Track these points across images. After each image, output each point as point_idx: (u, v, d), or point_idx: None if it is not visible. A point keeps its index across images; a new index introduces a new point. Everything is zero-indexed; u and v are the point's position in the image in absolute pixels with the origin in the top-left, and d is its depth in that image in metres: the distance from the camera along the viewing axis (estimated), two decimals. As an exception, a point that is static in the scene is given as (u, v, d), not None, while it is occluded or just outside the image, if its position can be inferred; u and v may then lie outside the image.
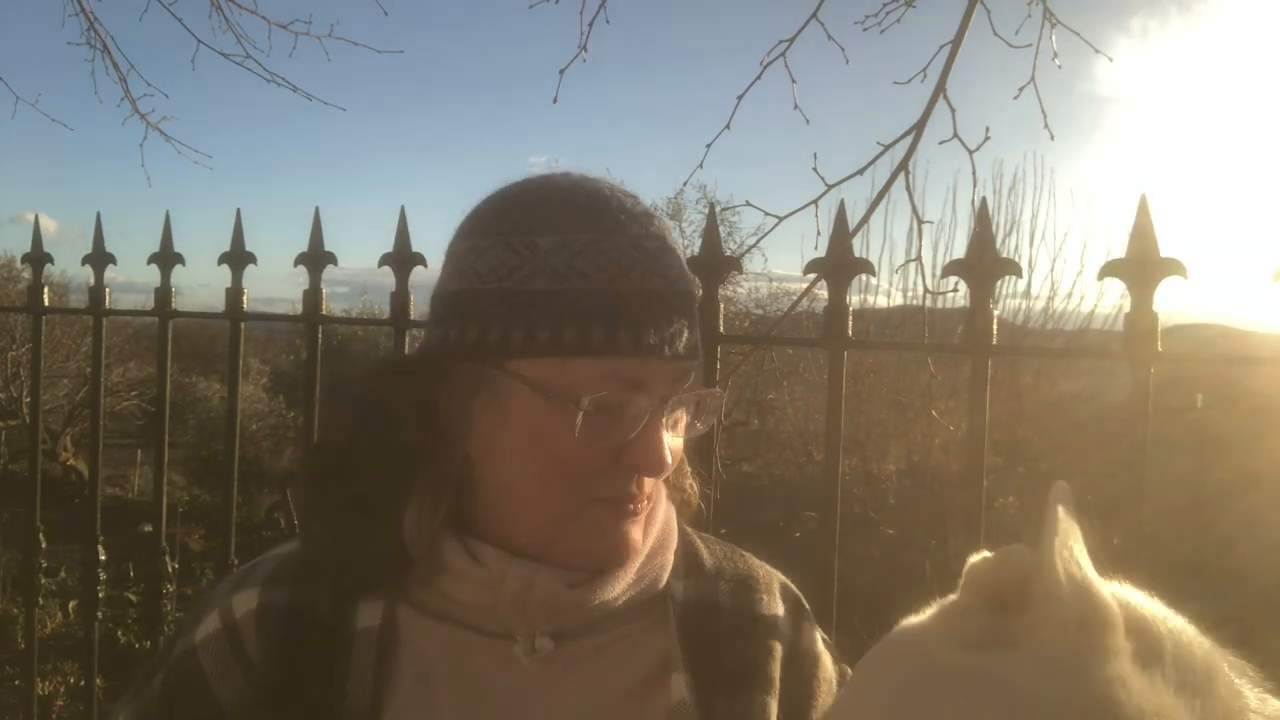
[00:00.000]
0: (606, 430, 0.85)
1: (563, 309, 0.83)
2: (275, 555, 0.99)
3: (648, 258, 0.87)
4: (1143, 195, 1.41)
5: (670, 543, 0.98)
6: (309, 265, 2.04)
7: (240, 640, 0.92)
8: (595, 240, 0.86)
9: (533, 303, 0.84)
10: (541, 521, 0.89)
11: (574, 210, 0.88)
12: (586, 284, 0.84)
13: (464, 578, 0.89)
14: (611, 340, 0.83)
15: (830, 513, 1.65)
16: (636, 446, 0.86)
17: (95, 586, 2.33)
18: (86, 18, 3.77)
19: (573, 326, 0.83)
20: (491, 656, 0.90)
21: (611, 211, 0.89)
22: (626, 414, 0.85)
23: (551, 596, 0.88)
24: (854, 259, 1.63)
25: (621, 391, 0.84)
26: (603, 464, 0.86)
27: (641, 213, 0.90)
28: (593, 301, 0.83)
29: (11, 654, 7.57)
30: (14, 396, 16.22)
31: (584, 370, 0.83)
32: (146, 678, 0.96)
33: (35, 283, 2.39)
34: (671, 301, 0.87)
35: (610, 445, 0.85)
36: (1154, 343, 1.40)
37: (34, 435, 2.57)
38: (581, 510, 0.88)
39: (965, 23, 1.87)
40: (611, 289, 0.84)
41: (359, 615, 0.91)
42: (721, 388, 1.61)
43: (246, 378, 15.77)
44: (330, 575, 0.93)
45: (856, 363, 9.19)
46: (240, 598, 0.94)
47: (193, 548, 11.83)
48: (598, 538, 0.89)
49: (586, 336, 0.83)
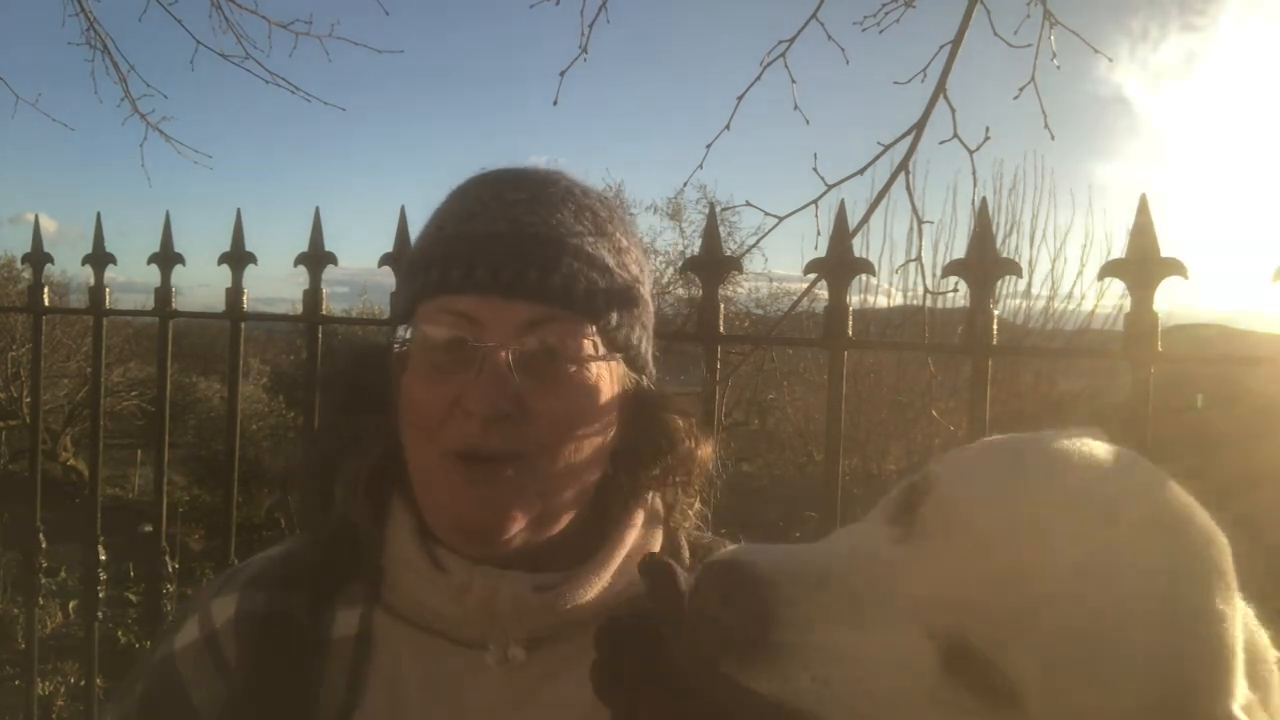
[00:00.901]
0: (450, 373, 0.85)
1: (417, 259, 0.91)
2: (259, 559, 0.99)
3: (502, 206, 0.89)
4: (1143, 195, 1.41)
5: (652, 544, 0.97)
6: (309, 265, 2.04)
7: (219, 647, 0.91)
8: (455, 198, 0.93)
9: (411, 263, 0.93)
10: (420, 486, 0.89)
11: (477, 181, 0.94)
12: (437, 234, 0.91)
13: (430, 584, 0.88)
14: (444, 278, 0.86)
15: (830, 513, 1.65)
16: (473, 386, 0.84)
17: (95, 586, 2.33)
18: (86, 18, 3.78)
19: (420, 273, 0.89)
20: (464, 665, 0.89)
21: (494, 176, 0.93)
22: (466, 354, 0.85)
23: (519, 601, 0.86)
24: (854, 259, 1.63)
25: (462, 329, 0.85)
26: (445, 409, 0.85)
27: (540, 177, 0.93)
28: (436, 248, 0.89)
29: (11, 654, 7.57)
30: (14, 396, 16.22)
31: (428, 311, 0.87)
32: (130, 683, 0.96)
33: (35, 283, 2.39)
34: (518, 243, 0.87)
35: (452, 389, 0.85)
36: (1154, 343, 1.40)
37: (34, 435, 2.57)
38: (437, 469, 0.86)
39: (965, 23, 1.87)
40: (452, 234, 0.89)
41: (336, 623, 0.91)
42: (721, 388, 1.61)
43: (246, 378, 15.76)
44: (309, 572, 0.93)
45: (856, 363, 9.19)
46: (219, 603, 0.94)
47: (193, 548, 11.84)
48: (451, 500, 0.86)
49: (428, 278, 0.88)
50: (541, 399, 0.85)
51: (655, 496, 0.99)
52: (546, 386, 0.86)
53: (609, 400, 0.91)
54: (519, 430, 0.85)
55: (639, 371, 0.96)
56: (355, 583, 0.93)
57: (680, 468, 0.99)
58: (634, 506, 0.96)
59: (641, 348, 0.97)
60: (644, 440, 0.96)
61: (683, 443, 0.97)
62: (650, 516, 0.98)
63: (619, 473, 0.95)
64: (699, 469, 1.00)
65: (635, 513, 0.96)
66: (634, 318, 0.94)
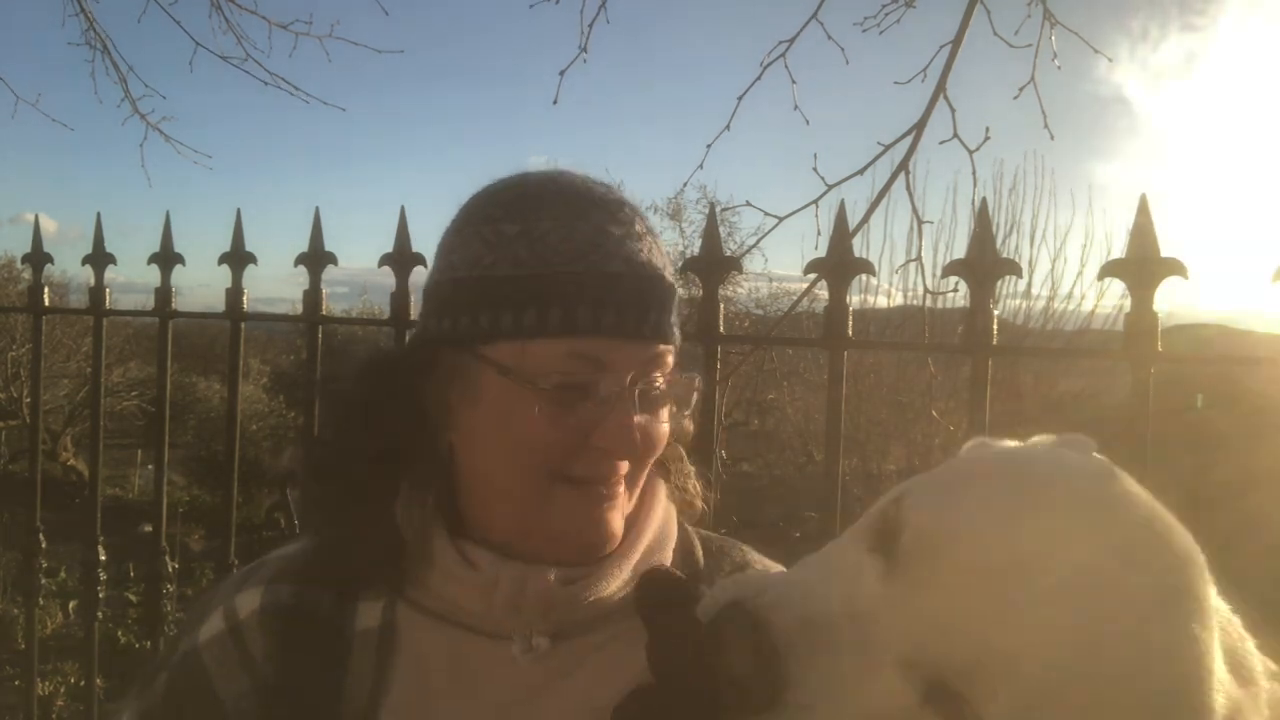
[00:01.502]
0: (572, 411, 0.86)
1: (524, 292, 0.87)
2: (279, 555, 1.00)
3: (611, 242, 0.89)
4: (1143, 195, 1.41)
5: (669, 541, 0.99)
6: (309, 265, 2.04)
7: (244, 640, 0.93)
8: (556, 226, 0.89)
9: (498, 289, 0.87)
10: (514, 508, 0.90)
11: (541, 199, 0.91)
12: (548, 268, 0.87)
13: (458, 581, 0.89)
14: (569, 320, 0.85)
15: (830, 513, 1.65)
16: (605, 426, 0.86)
17: (95, 586, 2.33)
18: (86, 18, 3.78)
19: (533, 309, 0.86)
20: (489, 657, 0.90)
21: (577, 199, 0.92)
22: (592, 394, 0.86)
23: (546, 594, 0.88)
24: (854, 259, 1.63)
25: (585, 371, 0.85)
26: (571, 446, 0.87)
27: (611, 201, 0.93)
28: (552, 284, 0.86)
29: (11, 654, 7.56)
30: (14, 396, 16.21)
31: (545, 350, 0.86)
32: (150, 677, 0.96)
33: (35, 283, 2.39)
34: (635, 284, 0.88)
35: (577, 426, 0.86)
36: (1154, 343, 1.40)
37: (34, 435, 2.57)
38: (550, 493, 0.88)
39: (965, 23, 1.87)
40: (570, 270, 0.87)
41: (360, 616, 0.92)
42: (721, 388, 1.61)
43: (246, 378, 15.76)
44: (332, 569, 0.94)
45: (856, 363, 9.18)
46: (244, 597, 0.95)
47: (193, 548, 11.83)
48: (569, 521, 0.89)
49: (545, 317, 0.86)
50: (652, 428, 0.90)
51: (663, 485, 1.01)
52: (654, 416, 0.90)
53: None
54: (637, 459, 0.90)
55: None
56: (377, 579, 0.94)
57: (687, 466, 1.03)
58: (652, 498, 0.98)
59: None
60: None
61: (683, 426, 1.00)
62: (666, 514, 1.00)
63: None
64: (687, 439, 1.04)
65: (654, 505, 0.98)
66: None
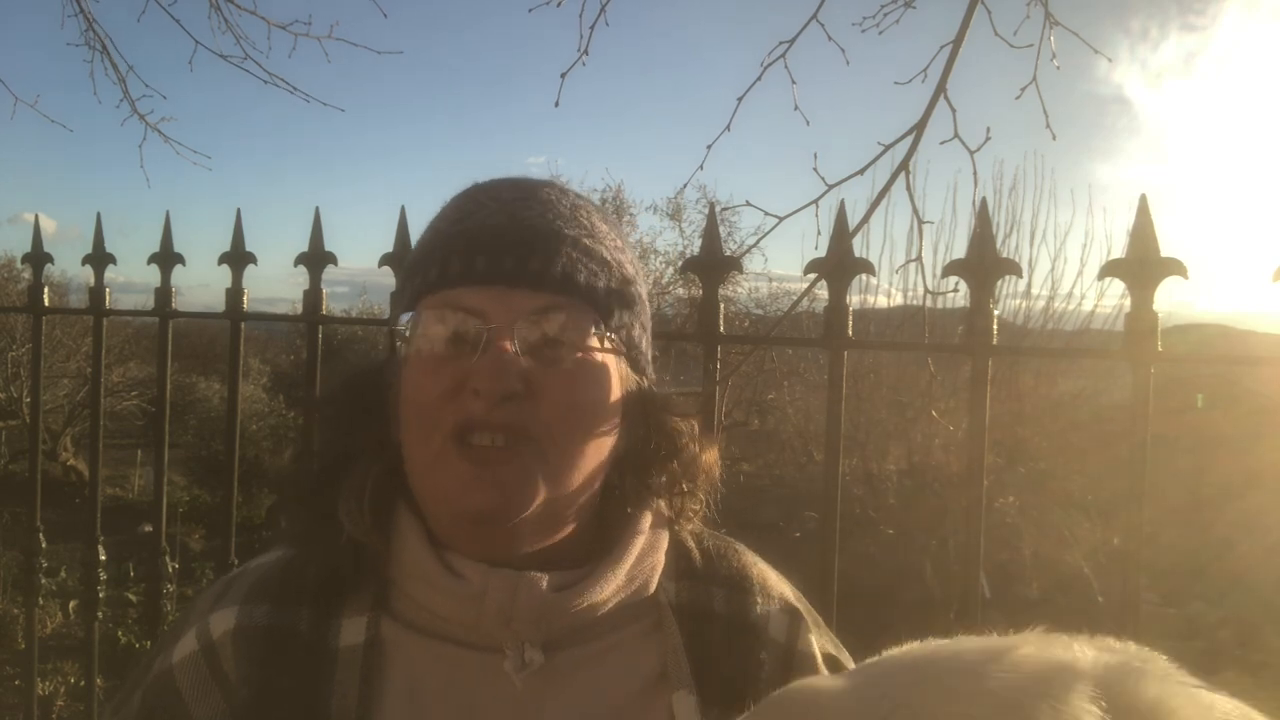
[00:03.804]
0: (455, 362, 0.85)
1: (415, 259, 0.92)
2: (256, 566, 0.97)
3: (499, 204, 0.90)
4: (1143, 195, 1.41)
5: (660, 544, 0.96)
6: (309, 265, 2.04)
7: (218, 661, 0.89)
8: (451, 202, 0.94)
9: (405, 271, 0.94)
10: (424, 481, 0.88)
11: (465, 191, 0.95)
12: (434, 233, 0.92)
13: (444, 592, 0.87)
14: (445, 274, 0.87)
15: (830, 513, 1.65)
16: (476, 366, 0.83)
17: (95, 586, 2.33)
18: (85, 18, 3.78)
19: (418, 271, 0.90)
20: (481, 671, 0.88)
21: (488, 182, 0.95)
22: (475, 344, 0.84)
23: (537, 602, 0.85)
24: (854, 259, 1.63)
25: (466, 323, 0.85)
26: (449, 392, 0.84)
27: (537, 183, 0.95)
28: (434, 245, 0.90)
29: (11, 654, 7.57)
30: (14, 396, 16.21)
31: (430, 310, 0.87)
32: (128, 693, 0.94)
33: (35, 283, 2.39)
34: (518, 234, 0.87)
35: (455, 374, 0.84)
36: (1154, 343, 1.40)
37: (34, 435, 2.57)
38: (443, 454, 0.85)
39: (965, 23, 1.86)
40: (449, 231, 0.90)
41: (343, 632, 0.89)
42: (721, 388, 1.60)
43: (246, 378, 15.77)
44: (306, 582, 0.91)
45: (856, 363, 9.19)
46: (218, 616, 0.91)
47: (193, 548, 11.82)
48: (455, 480, 0.84)
49: (426, 276, 0.89)
50: (549, 383, 0.85)
51: (661, 502, 0.98)
52: (554, 372, 0.85)
53: (616, 398, 0.90)
54: (526, 410, 0.84)
55: (640, 373, 0.96)
56: (358, 595, 0.91)
57: (685, 473, 0.98)
58: (641, 511, 0.95)
59: (642, 347, 0.96)
60: (648, 444, 0.95)
61: (687, 447, 0.96)
62: (657, 520, 0.97)
63: (625, 479, 0.95)
64: (705, 474, 0.99)
65: (643, 517, 0.95)
66: (634, 315, 0.94)
